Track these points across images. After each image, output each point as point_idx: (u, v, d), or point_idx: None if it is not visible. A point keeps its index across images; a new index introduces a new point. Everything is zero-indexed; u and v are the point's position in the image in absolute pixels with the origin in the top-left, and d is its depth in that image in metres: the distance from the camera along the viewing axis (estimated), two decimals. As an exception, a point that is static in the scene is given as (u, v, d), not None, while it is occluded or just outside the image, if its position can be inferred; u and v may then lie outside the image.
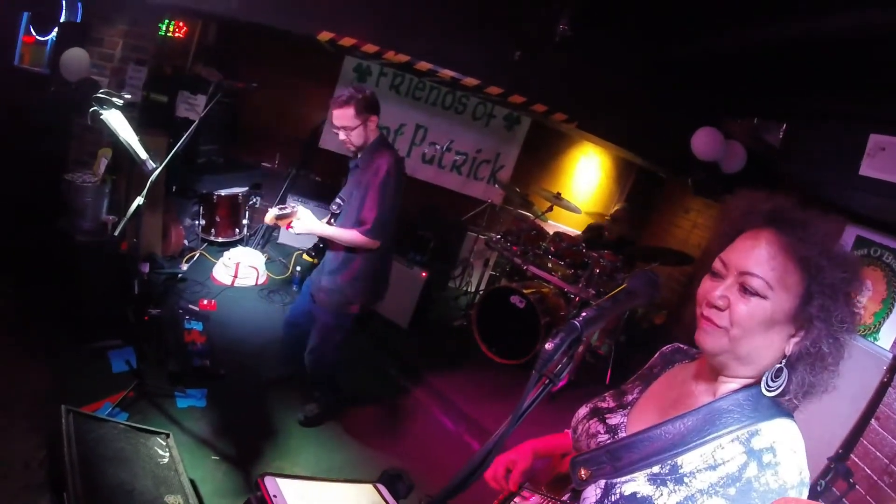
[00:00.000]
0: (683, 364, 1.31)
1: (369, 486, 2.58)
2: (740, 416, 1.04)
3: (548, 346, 1.00)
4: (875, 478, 2.99)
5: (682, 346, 1.38)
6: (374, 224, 3.08)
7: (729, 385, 1.10)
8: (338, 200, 3.25)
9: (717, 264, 1.11)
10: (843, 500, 2.94)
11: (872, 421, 3.08)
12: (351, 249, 3.19)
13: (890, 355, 3.07)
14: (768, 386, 1.05)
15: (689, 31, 4.05)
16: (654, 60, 4.66)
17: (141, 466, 2.58)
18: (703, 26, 3.86)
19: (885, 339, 3.39)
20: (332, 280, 3.26)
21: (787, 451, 0.99)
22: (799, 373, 1.05)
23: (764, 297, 1.03)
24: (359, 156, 3.23)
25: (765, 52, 3.65)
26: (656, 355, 1.41)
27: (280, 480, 2.23)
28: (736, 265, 1.07)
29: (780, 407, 1.06)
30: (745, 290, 1.04)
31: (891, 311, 3.44)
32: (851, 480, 2.85)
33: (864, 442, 3.10)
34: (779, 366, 1.05)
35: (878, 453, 3.04)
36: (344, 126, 3.07)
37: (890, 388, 3.04)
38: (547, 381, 1.03)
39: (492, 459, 1.04)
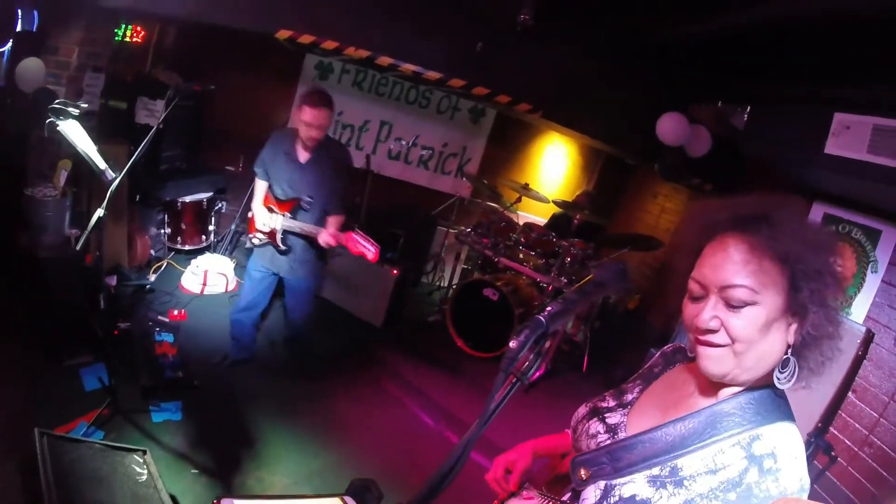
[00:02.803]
0: (685, 364, 1.28)
1: (336, 500, 2.54)
2: (742, 419, 1.02)
3: (512, 344, 0.98)
4: (856, 449, 3.08)
5: (682, 345, 1.34)
6: (345, 208, 3.77)
7: (731, 388, 1.07)
8: (307, 199, 3.63)
9: (693, 286, 1.07)
10: (826, 472, 3.02)
11: (850, 394, 3.17)
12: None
13: (863, 329, 3.14)
14: (779, 379, 1.03)
15: (652, 19, 4.08)
16: (617, 48, 4.69)
17: (119, 486, 2.52)
18: (665, 14, 3.90)
19: (857, 312, 3.48)
20: (311, 254, 3.84)
21: (789, 457, 0.98)
22: (807, 357, 1.03)
23: (754, 304, 0.99)
24: (308, 151, 3.60)
25: (727, 37, 3.69)
26: (657, 355, 1.38)
27: (238, 502, 2.18)
28: (713, 281, 1.03)
29: (783, 410, 1.05)
30: (731, 304, 1.00)
31: (862, 286, 3.54)
32: (833, 454, 2.93)
33: (843, 415, 3.20)
34: (785, 356, 1.03)
35: (857, 425, 3.14)
36: (321, 125, 3.41)
37: (865, 361, 3.12)
38: (515, 380, 1.02)
39: (463, 462, 1.02)
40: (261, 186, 3.83)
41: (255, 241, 3.85)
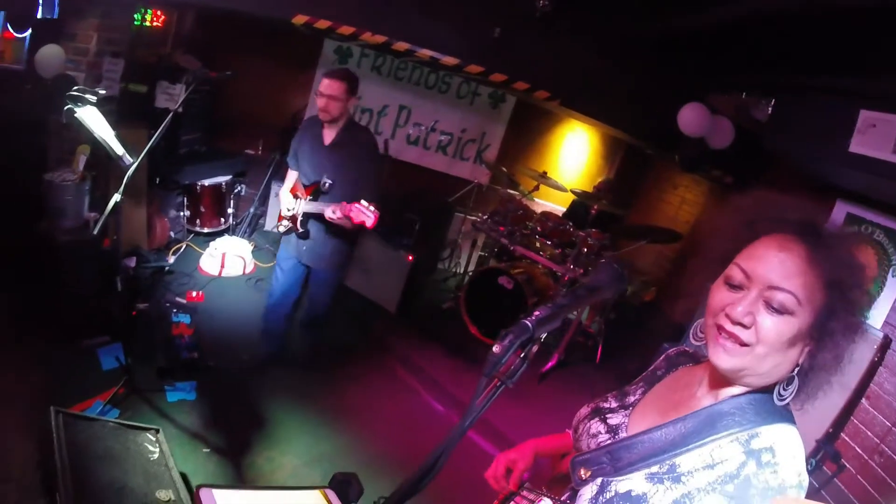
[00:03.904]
0: (688, 367, 1.28)
1: (317, 493, 2.58)
2: (741, 419, 1.02)
3: (496, 349, 0.96)
4: (866, 457, 3.01)
5: (686, 348, 1.34)
6: (378, 198, 3.51)
7: (733, 390, 1.07)
8: (326, 180, 3.58)
9: (736, 273, 1.04)
10: (835, 479, 2.97)
11: (863, 400, 3.10)
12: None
13: (880, 334, 3.07)
14: (780, 396, 1.03)
15: (673, 5, 3.98)
16: (639, 35, 4.60)
17: (131, 463, 2.59)
18: (689, 2, 3.80)
19: (875, 317, 3.36)
20: (336, 245, 3.76)
21: (787, 454, 0.98)
22: (810, 380, 1.03)
23: (791, 314, 0.98)
24: (332, 132, 3.58)
25: (752, 26, 3.58)
26: (661, 357, 1.37)
27: (217, 492, 2.21)
28: (763, 278, 1.00)
29: (783, 412, 1.04)
30: (772, 306, 0.99)
31: (881, 289, 3.43)
32: (841, 461, 2.88)
33: (855, 421, 3.12)
34: (791, 375, 1.03)
35: (868, 432, 3.06)
36: (332, 95, 3.39)
37: (880, 367, 3.05)
38: (499, 383, 1.01)
39: (442, 464, 1.02)
40: (291, 176, 3.84)
41: (281, 229, 3.85)
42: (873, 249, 3.59)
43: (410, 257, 5.22)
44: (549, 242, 5.28)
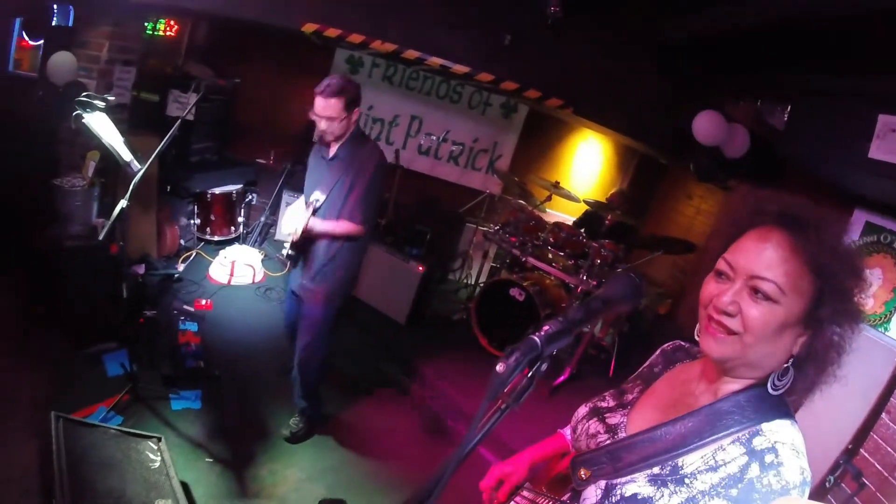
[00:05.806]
0: (685, 363, 1.28)
1: None
2: (741, 417, 1.02)
3: (499, 368, 0.88)
4: (885, 474, 2.89)
5: (683, 344, 1.34)
6: (367, 218, 3.13)
7: (731, 386, 1.07)
8: (318, 196, 3.12)
9: (722, 265, 1.06)
10: (855, 498, 2.86)
11: (883, 415, 2.99)
12: (336, 243, 3.17)
13: (901, 347, 2.97)
14: (774, 385, 1.03)
15: (687, 11, 3.94)
16: (652, 42, 4.55)
17: (131, 472, 2.57)
18: (701, 5, 3.75)
19: (895, 330, 3.28)
20: (320, 275, 3.21)
21: (789, 451, 0.96)
22: (806, 372, 1.03)
23: (776, 302, 0.99)
24: (335, 146, 3.15)
25: (766, 31, 3.53)
26: (657, 353, 1.37)
27: None
28: (745, 268, 1.02)
29: (782, 408, 1.03)
30: (757, 295, 1.00)
31: (901, 301, 3.33)
32: (862, 480, 2.77)
33: (875, 436, 3.01)
34: (786, 365, 1.03)
35: (888, 448, 2.95)
36: (330, 117, 3.00)
37: (901, 382, 2.95)
38: (504, 405, 0.94)
39: (441, 489, 0.97)
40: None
41: (284, 251, 3.35)
42: (893, 259, 3.49)
43: (421, 268, 5.17)
44: (562, 253, 5.20)
